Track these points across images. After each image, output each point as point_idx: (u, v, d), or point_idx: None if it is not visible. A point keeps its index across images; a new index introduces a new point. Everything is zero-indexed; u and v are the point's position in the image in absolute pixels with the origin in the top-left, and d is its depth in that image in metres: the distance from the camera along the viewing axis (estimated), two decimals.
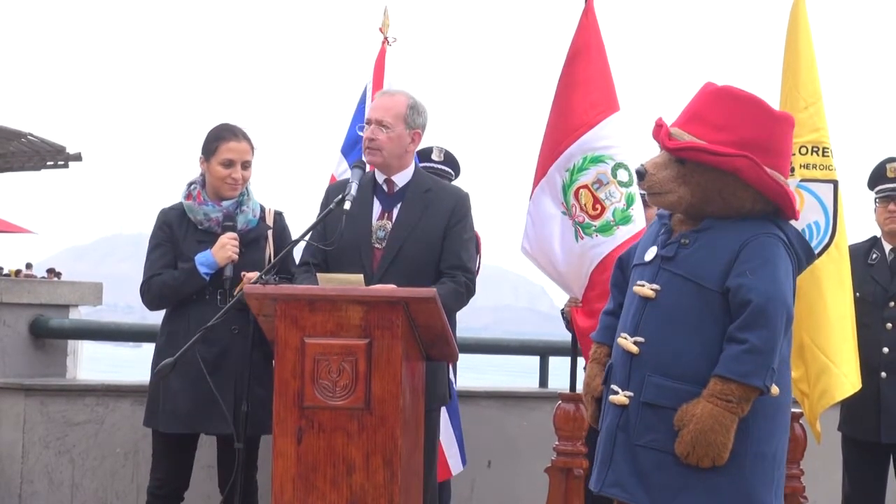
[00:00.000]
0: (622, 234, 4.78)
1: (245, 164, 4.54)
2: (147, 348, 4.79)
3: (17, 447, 5.21)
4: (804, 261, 3.72)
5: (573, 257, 4.87)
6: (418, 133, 4.42)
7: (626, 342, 3.61)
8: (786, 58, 4.85)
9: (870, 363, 4.87)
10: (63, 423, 5.26)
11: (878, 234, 5.20)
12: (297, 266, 4.48)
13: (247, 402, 4.20)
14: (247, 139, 4.56)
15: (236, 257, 4.43)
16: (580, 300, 4.89)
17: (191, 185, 4.60)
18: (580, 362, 5.05)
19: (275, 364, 3.86)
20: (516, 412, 6.10)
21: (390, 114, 4.33)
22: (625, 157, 4.88)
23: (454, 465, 5.22)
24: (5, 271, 22.51)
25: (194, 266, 4.42)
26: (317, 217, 4.39)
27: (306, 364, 3.79)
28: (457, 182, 5.32)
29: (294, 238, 4.49)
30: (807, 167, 4.77)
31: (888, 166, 5.10)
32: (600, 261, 4.77)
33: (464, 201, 4.44)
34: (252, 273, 4.32)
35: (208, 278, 4.43)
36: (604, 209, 4.83)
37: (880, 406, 4.96)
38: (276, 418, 3.82)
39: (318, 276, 4.13)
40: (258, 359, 4.35)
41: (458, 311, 4.58)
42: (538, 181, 4.96)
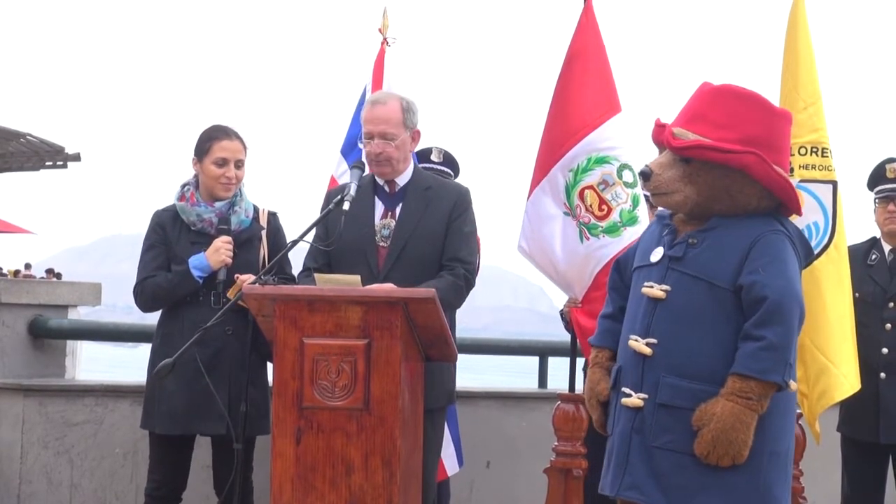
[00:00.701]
0: (629, 234, 4.77)
1: (238, 164, 4.54)
2: (145, 349, 4.80)
3: (16, 447, 5.21)
4: (803, 258, 3.73)
5: (576, 258, 4.87)
6: (417, 131, 4.47)
7: (638, 344, 3.60)
8: (785, 58, 4.85)
9: (869, 364, 4.88)
10: (62, 423, 5.26)
11: (878, 234, 5.20)
12: (299, 272, 4.48)
13: (245, 402, 4.20)
14: (239, 138, 4.57)
15: (230, 261, 4.43)
16: (580, 300, 4.89)
17: (184, 186, 4.61)
18: (579, 363, 5.05)
19: (274, 364, 3.87)
20: (515, 413, 6.09)
21: (391, 124, 4.36)
22: (629, 157, 4.87)
23: (450, 465, 5.21)
24: (4, 271, 22.50)
25: (188, 269, 4.43)
26: (316, 218, 4.40)
27: (305, 364, 3.79)
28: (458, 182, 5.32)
29: (293, 239, 4.50)
30: (806, 168, 4.77)
31: (888, 167, 5.10)
32: (607, 262, 4.77)
33: (464, 196, 4.47)
34: (246, 276, 4.34)
35: (201, 281, 4.43)
36: (610, 210, 4.83)
37: (879, 406, 4.96)
38: (276, 419, 3.82)
39: (315, 276, 4.14)
40: (253, 360, 4.36)
41: (458, 311, 4.59)
42: (537, 181, 4.95)
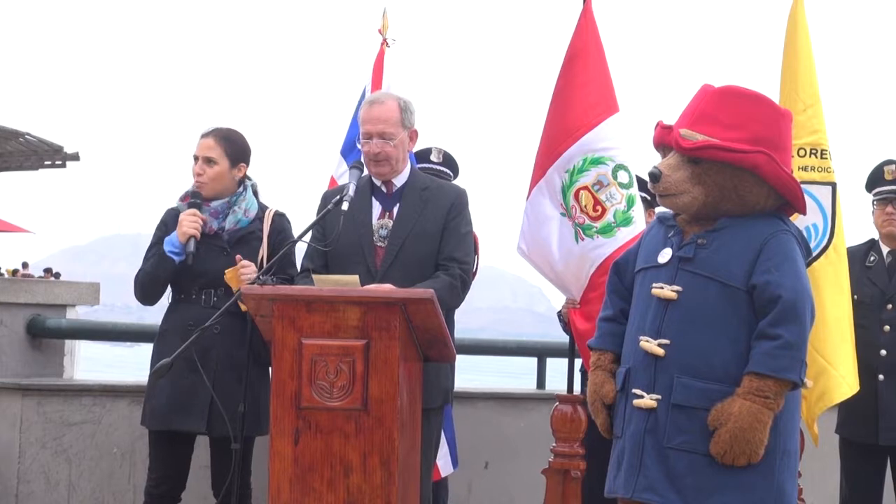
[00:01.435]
0: (623, 235, 4.78)
1: (207, 160, 4.56)
2: (144, 348, 4.81)
3: (14, 447, 5.20)
4: (804, 258, 3.75)
5: (572, 258, 4.87)
6: (415, 131, 4.48)
7: (650, 345, 3.60)
8: (784, 60, 4.86)
9: (868, 365, 4.87)
10: (60, 423, 5.25)
11: (876, 236, 5.20)
12: (297, 274, 4.49)
13: (244, 403, 4.20)
14: (216, 136, 4.58)
15: (196, 233, 4.47)
16: (578, 301, 4.89)
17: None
18: (577, 364, 5.05)
19: (272, 365, 3.86)
20: (514, 413, 6.10)
21: (390, 123, 4.37)
22: (625, 158, 4.88)
23: (444, 466, 5.21)
24: (2, 271, 22.50)
25: (163, 250, 4.50)
26: (315, 219, 4.41)
27: (303, 365, 3.79)
28: (455, 183, 5.32)
29: (292, 240, 4.50)
30: (805, 169, 4.77)
31: (886, 169, 5.10)
32: (601, 262, 4.77)
33: (461, 197, 4.48)
34: (248, 262, 4.38)
35: (177, 258, 4.47)
36: (604, 210, 4.83)
37: (878, 408, 4.95)
38: (274, 419, 3.82)
39: (313, 277, 4.14)
40: (244, 361, 4.37)
41: (456, 311, 4.59)
42: (535, 182, 4.96)
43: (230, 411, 4.22)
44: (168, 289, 4.60)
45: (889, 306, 5.03)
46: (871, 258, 5.14)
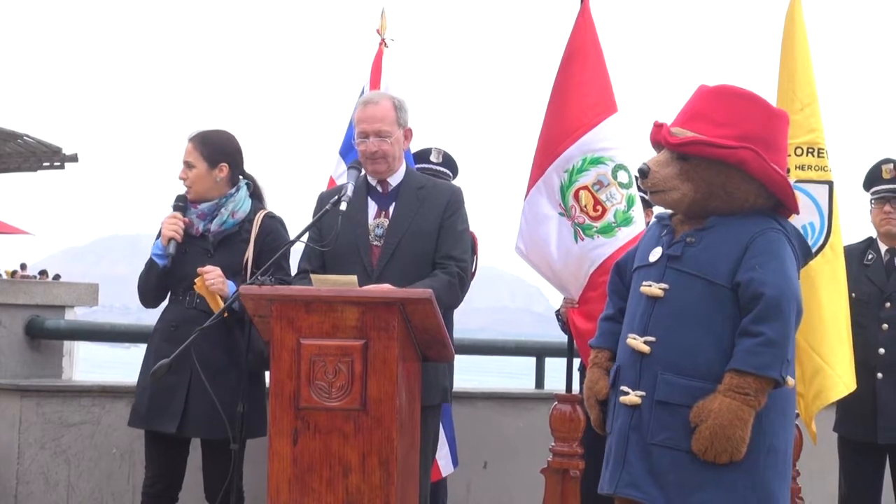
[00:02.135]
0: (623, 235, 4.79)
1: (186, 164, 4.60)
2: (142, 349, 4.83)
3: (13, 448, 5.20)
4: (801, 258, 3.74)
5: (571, 258, 4.87)
6: (409, 130, 4.50)
7: (636, 342, 3.61)
8: (782, 59, 4.86)
9: (866, 364, 4.88)
10: (59, 423, 5.25)
11: (874, 235, 5.20)
12: (294, 275, 4.49)
13: (243, 404, 4.19)
14: (194, 140, 4.59)
15: (177, 236, 4.50)
16: (576, 301, 4.89)
17: None
18: (576, 363, 5.05)
19: (271, 365, 3.86)
20: (512, 413, 6.10)
21: (386, 122, 4.39)
22: (624, 158, 4.88)
23: (444, 466, 5.21)
24: (1, 272, 22.48)
25: (151, 255, 4.58)
26: (312, 219, 4.41)
27: (302, 365, 3.79)
28: (454, 183, 5.32)
29: (284, 241, 4.51)
30: (802, 168, 4.78)
31: (884, 167, 5.10)
32: (601, 262, 4.77)
33: (457, 195, 4.49)
34: (208, 268, 4.40)
35: (161, 262, 4.51)
36: (605, 210, 4.83)
37: (876, 407, 4.96)
38: (272, 419, 3.82)
39: (311, 277, 4.14)
40: (222, 364, 4.38)
41: (455, 311, 4.59)
42: (534, 182, 4.96)
43: (205, 413, 4.28)
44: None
45: (887, 305, 5.03)
46: (869, 256, 5.14)
